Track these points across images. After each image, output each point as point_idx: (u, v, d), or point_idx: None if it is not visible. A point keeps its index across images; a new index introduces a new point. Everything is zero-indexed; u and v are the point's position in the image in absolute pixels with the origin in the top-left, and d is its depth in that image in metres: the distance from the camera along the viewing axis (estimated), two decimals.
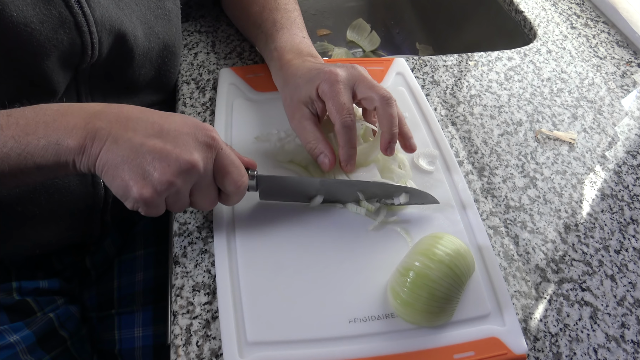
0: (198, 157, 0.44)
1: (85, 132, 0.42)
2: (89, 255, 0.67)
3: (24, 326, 0.59)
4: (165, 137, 0.44)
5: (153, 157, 0.43)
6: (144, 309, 0.67)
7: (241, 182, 0.48)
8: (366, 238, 0.53)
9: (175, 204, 0.46)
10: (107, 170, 0.43)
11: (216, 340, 0.46)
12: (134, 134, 0.43)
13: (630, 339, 0.49)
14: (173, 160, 0.43)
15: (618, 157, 0.66)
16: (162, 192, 0.43)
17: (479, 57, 0.79)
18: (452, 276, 0.45)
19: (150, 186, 0.43)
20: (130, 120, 0.44)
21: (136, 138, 0.43)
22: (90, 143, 0.42)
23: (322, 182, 0.53)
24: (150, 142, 0.43)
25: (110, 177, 0.43)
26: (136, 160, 0.42)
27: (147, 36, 0.58)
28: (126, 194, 0.44)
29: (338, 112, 0.53)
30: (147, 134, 0.44)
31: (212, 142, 0.46)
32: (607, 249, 0.56)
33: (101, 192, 0.59)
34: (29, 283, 0.61)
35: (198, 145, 0.45)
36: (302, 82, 0.56)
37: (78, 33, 0.49)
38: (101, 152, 0.43)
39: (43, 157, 0.42)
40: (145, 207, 0.44)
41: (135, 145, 0.43)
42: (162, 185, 0.43)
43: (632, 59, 0.82)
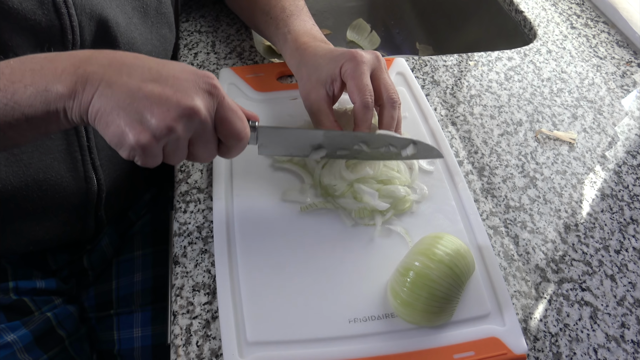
0: (200, 103, 0.42)
1: (76, 76, 0.39)
2: (86, 255, 0.67)
3: (21, 325, 0.59)
4: (163, 82, 0.41)
5: (151, 102, 0.40)
6: (143, 309, 0.67)
7: (244, 133, 0.46)
8: (366, 238, 0.53)
9: (174, 154, 0.43)
10: (101, 117, 0.40)
11: (216, 340, 0.46)
12: (129, 79, 0.40)
13: (630, 339, 0.49)
14: (173, 105, 0.40)
15: (618, 157, 0.66)
16: (161, 138, 0.40)
17: (479, 57, 0.79)
18: (452, 276, 0.45)
19: (148, 131, 0.40)
20: (124, 65, 0.41)
21: (132, 82, 0.40)
22: (81, 88, 0.39)
23: (326, 133, 0.52)
24: (147, 86, 0.40)
25: (104, 124, 0.40)
26: (132, 105, 0.39)
27: (128, 25, 0.57)
28: (122, 141, 0.40)
29: (360, 92, 0.53)
30: (144, 79, 0.41)
31: (213, 90, 0.43)
32: (607, 249, 0.56)
33: (94, 187, 0.59)
34: (25, 283, 0.61)
35: (199, 91, 0.42)
36: (324, 62, 0.56)
37: (56, 15, 0.48)
38: (94, 97, 0.39)
39: (31, 106, 0.39)
40: (142, 155, 0.41)
41: (132, 89, 0.40)
42: (161, 130, 0.40)
43: (632, 59, 0.82)
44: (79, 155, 0.56)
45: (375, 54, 0.57)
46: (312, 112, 0.57)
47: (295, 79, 0.62)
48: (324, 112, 0.56)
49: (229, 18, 0.81)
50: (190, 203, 0.57)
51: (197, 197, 0.57)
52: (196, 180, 0.59)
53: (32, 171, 0.54)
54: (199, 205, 0.57)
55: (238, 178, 0.57)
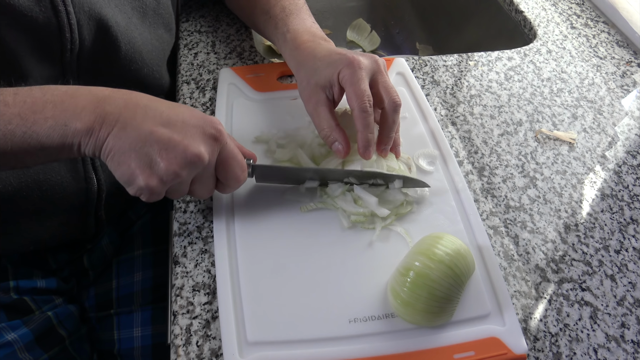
0: (204, 150, 0.45)
1: (94, 115, 0.42)
2: (87, 255, 0.67)
3: (22, 324, 0.59)
4: (173, 127, 0.44)
5: (160, 147, 0.43)
6: (143, 309, 0.67)
7: (242, 177, 0.50)
8: (366, 238, 0.53)
9: (176, 192, 0.47)
10: (113, 156, 0.43)
11: (216, 340, 0.46)
12: (143, 122, 0.44)
13: (630, 339, 0.49)
14: (181, 152, 0.44)
15: (618, 157, 0.66)
16: (168, 182, 0.44)
17: (479, 57, 0.79)
18: (452, 276, 0.45)
19: (156, 176, 0.44)
20: (138, 107, 0.44)
21: (144, 126, 0.43)
22: (98, 127, 0.43)
23: (316, 170, 0.55)
24: (158, 131, 0.43)
25: (116, 163, 0.44)
26: (144, 149, 0.43)
27: (127, 25, 0.57)
28: (131, 181, 0.44)
29: (358, 98, 0.53)
30: (156, 123, 0.44)
31: (218, 136, 0.46)
32: (607, 249, 0.56)
33: (94, 187, 0.59)
34: (26, 282, 0.61)
35: (205, 137, 0.46)
36: (323, 66, 0.56)
37: (54, 12, 0.49)
38: (109, 137, 0.43)
39: (49, 137, 0.42)
40: (149, 195, 0.45)
41: (144, 133, 0.43)
42: (168, 176, 0.44)
43: (632, 59, 0.82)
44: (80, 159, 0.57)
45: (373, 57, 0.56)
46: (313, 116, 0.57)
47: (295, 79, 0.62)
48: (324, 117, 0.56)
49: (229, 18, 0.81)
50: (190, 203, 0.57)
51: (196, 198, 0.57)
52: None
53: (33, 172, 0.54)
54: (199, 205, 0.57)
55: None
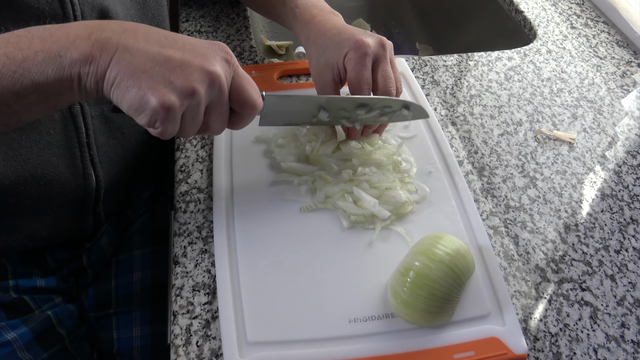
0: (220, 69, 0.42)
1: (90, 42, 0.38)
2: (86, 254, 0.67)
3: (21, 323, 0.59)
4: (181, 48, 0.41)
5: (174, 65, 0.39)
6: (142, 308, 0.67)
7: (258, 102, 0.46)
8: (366, 238, 0.53)
9: (192, 122, 0.42)
10: (120, 81, 0.39)
11: (216, 340, 0.46)
12: (147, 44, 0.40)
13: (630, 339, 0.49)
14: (196, 69, 0.40)
15: (618, 157, 0.66)
16: (185, 100, 0.40)
17: (479, 57, 0.79)
18: (452, 276, 0.45)
19: (174, 93, 0.39)
20: (138, 31, 0.40)
21: (151, 47, 0.39)
22: (98, 53, 0.38)
23: (329, 98, 0.54)
24: (168, 51, 0.40)
25: (124, 88, 0.39)
26: (155, 69, 0.39)
27: (125, 17, 0.57)
28: (143, 105, 0.39)
29: (358, 85, 0.55)
30: (162, 45, 0.40)
31: (230, 59, 0.43)
32: (607, 249, 0.56)
33: (92, 184, 0.59)
34: (25, 281, 0.61)
35: (218, 58, 0.42)
36: (331, 45, 0.57)
37: (60, 3, 0.48)
38: (111, 62, 0.38)
39: (42, 72, 0.37)
40: (165, 118, 0.40)
41: (152, 54, 0.39)
42: (186, 92, 0.39)
43: (632, 59, 0.82)
44: (78, 152, 0.56)
45: (381, 41, 0.57)
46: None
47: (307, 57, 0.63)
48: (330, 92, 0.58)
49: (229, 18, 0.81)
50: (190, 203, 0.57)
51: (197, 197, 0.57)
52: (196, 180, 0.59)
53: (31, 166, 0.54)
54: (199, 205, 0.57)
55: (238, 178, 0.57)
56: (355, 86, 0.55)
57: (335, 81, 0.58)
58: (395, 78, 0.57)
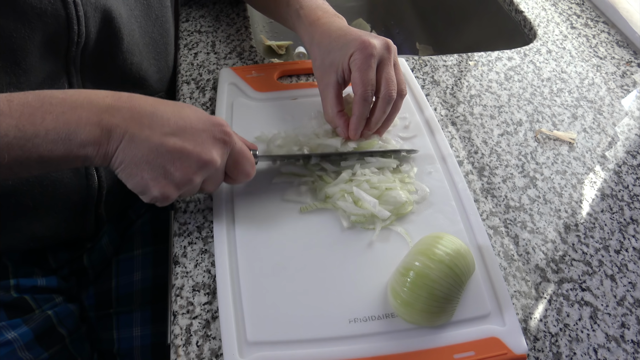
0: (216, 155, 0.46)
1: (99, 129, 0.42)
2: (87, 253, 0.67)
3: (22, 323, 0.59)
4: (182, 135, 0.45)
5: (173, 157, 0.44)
6: (142, 308, 0.67)
7: (252, 173, 0.51)
8: (366, 238, 0.53)
9: (187, 193, 0.48)
10: (124, 169, 0.43)
11: (216, 340, 0.46)
12: (151, 132, 0.44)
13: (630, 339, 0.49)
14: (194, 160, 0.45)
15: (618, 157, 0.66)
16: (183, 188, 0.46)
17: (479, 57, 0.79)
18: (452, 276, 0.45)
19: (172, 185, 0.45)
20: (144, 117, 0.44)
21: (154, 137, 0.43)
22: (105, 141, 0.42)
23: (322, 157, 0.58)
24: (169, 141, 0.44)
25: (128, 174, 0.44)
26: (156, 160, 0.43)
27: (129, 17, 0.57)
28: (145, 191, 0.45)
29: (362, 85, 0.56)
30: (164, 132, 0.44)
31: (227, 139, 0.47)
32: (607, 249, 0.56)
33: (95, 184, 0.59)
34: (26, 281, 0.61)
35: (215, 142, 0.46)
36: (336, 47, 0.58)
37: (62, 4, 0.48)
38: (117, 150, 0.43)
39: (50, 150, 0.41)
40: (162, 202, 0.46)
41: (155, 144, 0.43)
42: (183, 183, 0.45)
43: (632, 59, 0.82)
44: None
45: (386, 43, 0.58)
46: (321, 97, 0.61)
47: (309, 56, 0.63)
48: (330, 101, 0.59)
49: (229, 18, 0.82)
50: (190, 203, 0.57)
51: (197, 197, 0.57)
52: None
53: None
54: (199, 205, 0.57)
55: None
56: (359, 86, 0.56)
57: (338, 82, 0.59)
58: (398, 80, 0.58)
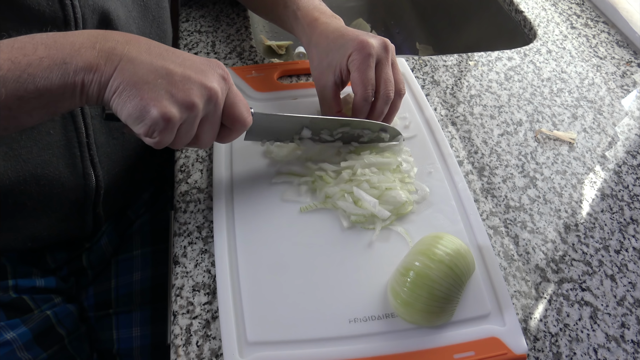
0: (217, 86, 0.44)
1: (95, 51, 0.40)
2: (85, 254, 0.67)
3: (21, 323, 0.59)
4: (182, 63, 0.43)
5: (175, 80, 0.41)
6: (142, 308, 0.67)
7: (249, 119, 0.49)
8: (366, 238, 0.53)
9: (186, 134, 0.44)
10: (122, 91, 0.40)
11: (216, 340, 0.46)
12: (149, 56, 0.41)
13: (630, 339, 0.49)
14: (197, 84, 0.42)
15: (618, 157, 0.66)
16: (184, 113, 0.42)
17: (479, 57, 0.79)
18: (452, 276, 0.45)
19: (174, 106, 0.41)
20: (141, 44, 0.42)
21: (154, 60, 0.41)
22: (102, 62, 0.40)
23: (312, 119, 0.56)
24: (169, 65, 0.42)
25: (126, 97, 0.40)
26: (157, 81, 0.41)
27: (127, 19, 0.57)
28: (143, 115, 0.41)
29: (362, 85, 0.56)
30: (164, 58, 0.42)
31: (226, 76, 0.46)
32: (607, 249, 0.56)
33: (92, 184, 0.59)
34: (25, 281, 0.61)
35: (216, 75, 0.45)
36: (334, 47, 0.58)
37: (60, 5, 0.48)
38: (115, 71, 0.40)
39: (47, 78, 0.38)
40: (163, 129, 0.42)
41: (155, 66, 0.41)
42: (186, 105, 0.42)
43: (632, 59, 0.82)
44: (78, 152, 0.56)
45: (384, 43, 0.58)
46: (320, 98, 0.61)
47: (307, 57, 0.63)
48: (328, 101, 0.59)
49: (229, 18, 0.81)
50: (190, 203, 0.57)
51: (197, 197, 0.57)
52: (196, 180, 0.59)
53: (31, 166, 0.54)
54: (199, 205, 0.57)
55: (238, 178, 0.57)
56: (359, 87, 0.56)
57: (336, 83, 0.59)
58: (396, 80, 0.58)
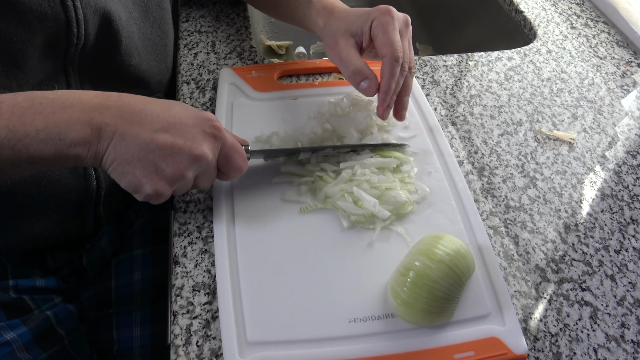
0: (207, 150, 0.46)
1: (89, 128, 0.42)
2: (86, 254, 0.67)
3: (21, 323, 0.59)
4: (172, 130, 0.45)
5: (164, 153, 0.44)
6: (142, 308, 0.67)
7: (244, 166, 0.51)
8: (366, 238, 0.53)
9: (181, 189, 0.48)
10: (116, 167, 0.43)
11: (216, 340, 0.46)
12: (141, 130, 0.43)
13: (630, 339, 0.49)
14: (185, 155, 0.45)
15: (618, 157, 0.66)
16: (175, 184, 0.45)
17: (479, 57, 0.79)
18: (452, 276, 0.45)
19: (164, 181, 0.44)
20: (134, 115, 0.44)
21: (144, 134, 0.43)
22: (96, 140, 0.42)
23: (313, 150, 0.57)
24: (159, 137, 0.44)
25: (120, 173, 0.44)
26: (147, 157, 0.43)
27: (128, 20, 0.57)
28: (138, 189, 0.44)
29: (390, 45, 0.54)
30: (154, 129, 0.44)
31: (217, 133, 0.47)
32: (607, 249, 0.56)
33: (93, 184, 0.59)
34: (25, 281, 0.61)
35: (205, 137, 0.46)
36: (355, 17, 0.58)
37: (62, 7, 0.48)
38: (108, 149, 0.43)
39: (41, 150, 0.41)
40: (156, 199, 0.45)
41: (145, 141, 0.43)
42: (176, 178, 0.45)
43: (632, 59, 0.82)
44: None
45: (405, 17, 0.58)
46: (341, 58, 0.58)
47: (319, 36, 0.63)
48: (354, 56, 0.56)
49: (229, 18, 0.82)
50: (190, 203, 0.57)
51: (197, 197, 0.57)
52: None
53: None
54: (199, 205, 0.57)
55: (238, 178, 0.57)
56: (388, 47, 0.54)
57: (357, 44, 0.58)
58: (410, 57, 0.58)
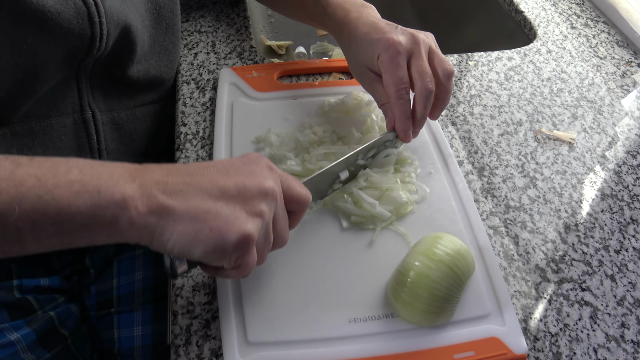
0: (272, 182, 0.40)
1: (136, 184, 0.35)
2: (89, 254, 0.67)
3: (25, 324, 0.59)
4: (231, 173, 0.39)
5: (232, 195, 0.38)
6: (144, 308, 0.67)
7: (308, 193, 0.45)
8: (366, 238, 0.53)
9: (264, 243, 0.41)
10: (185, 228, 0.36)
11: (216, 340, 0.46)
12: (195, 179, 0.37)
13: (630, 339, 0.49)
14: (256, 191, 0.39)
15: (618, 157, 0.66)
16: (258, 223, 0.38)
17: (479, 57, 0.79)
18: (452, 276, 0.45)
19: (247, 222, 0.37)
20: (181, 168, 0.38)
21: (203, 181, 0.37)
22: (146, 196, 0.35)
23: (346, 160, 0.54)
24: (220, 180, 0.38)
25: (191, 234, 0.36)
26: (217, 204, 0.37)
27: (142, 29, 0.58)
28: (222, 245, 0.36)
29: (394, 85, 0.54)
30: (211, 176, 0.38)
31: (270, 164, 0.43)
32: (607, 249, 0.56)
33: None
34: (29, 281, 0.61)
35: (263, 170, 0.41)
36: (363, 47, 0.57)
37: (89, 23, 0.49)
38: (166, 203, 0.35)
39: (73, 205, 0.33)
40: (246, 251, 0.38)
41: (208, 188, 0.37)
42: (257, 214, 0.38)
43: (632, 59, 0.82)
44: (89, 157, 0.57)
45: (412, 37, 0.56)
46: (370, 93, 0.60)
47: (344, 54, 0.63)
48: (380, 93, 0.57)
49: (229, 18, 0.82)
50: None
51: None
52: None
53: None
54: None
55: None
56: (391, 87, 0.54)
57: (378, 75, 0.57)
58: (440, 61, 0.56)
